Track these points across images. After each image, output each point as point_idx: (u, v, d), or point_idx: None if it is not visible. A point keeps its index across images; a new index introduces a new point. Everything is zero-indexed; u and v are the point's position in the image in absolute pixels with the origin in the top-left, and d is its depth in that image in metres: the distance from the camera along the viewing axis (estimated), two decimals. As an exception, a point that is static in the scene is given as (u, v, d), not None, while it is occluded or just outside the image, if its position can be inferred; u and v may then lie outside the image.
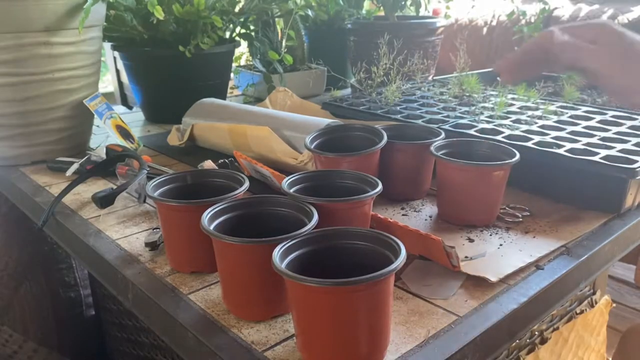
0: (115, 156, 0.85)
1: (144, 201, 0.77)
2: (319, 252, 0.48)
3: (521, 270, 0.58)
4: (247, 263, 0.49)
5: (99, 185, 0.83)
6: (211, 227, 0.51)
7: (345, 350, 0.44)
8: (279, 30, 1.43)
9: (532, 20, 1.90)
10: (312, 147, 0.73)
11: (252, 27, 1.33)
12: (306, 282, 0.41)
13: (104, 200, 0.71)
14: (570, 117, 0.93)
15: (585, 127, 0.87)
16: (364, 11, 1.52)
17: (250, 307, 0.51)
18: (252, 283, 0.50)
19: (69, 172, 0.86)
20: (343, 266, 0.47)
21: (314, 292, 0.42)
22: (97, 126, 1.03)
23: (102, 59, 1.10)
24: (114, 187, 0.78)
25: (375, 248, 0.47)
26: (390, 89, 1.07)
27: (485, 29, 2.23)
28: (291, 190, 0.58)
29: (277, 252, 0.45)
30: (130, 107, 1.37)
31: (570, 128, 0.86)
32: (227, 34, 1.26)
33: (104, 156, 0.88)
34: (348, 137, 0.77)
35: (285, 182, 0.59)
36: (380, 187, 0.57)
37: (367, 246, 0.48)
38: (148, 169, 0.77)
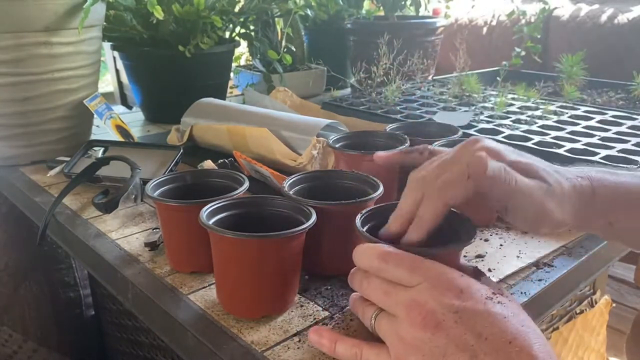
0: (102, 159, 0.84)
1: (142, 200, 0.77)
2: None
3: (521, 270, 0.58)
4: (240, 258, 0.49)
5: (93, 187, 0.83)
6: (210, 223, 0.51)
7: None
8: (279, 30, 1.43)
9: (532, 20, 1.90)
10: (336, 147, 0.72)
11: (251, 27, 1.33)
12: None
13: (109, 206, 0.71)
14: (570, 117, 0.94)
15: (585, 127, 0.87)
16: (363, 11, 1.53)
17: (241, 303, 0.51)
18: (243, 278, 0.50)
19: (51, 173, 0.87)
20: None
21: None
22: (97, 126, 1.03)
23: (102, 59, 1.10)
24: (109, 190, 0.78)
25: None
26: (390, 88, 1.07)
27: (485, 29, 2.23)
28: (292, 191, 0.58)
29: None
30: (130, 107, 1.37)
31: (570, 128, 0.86)
32: (227, 34, 1.26)
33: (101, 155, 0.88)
34: (372, 142, 0.75)
35: (286, 183, 0.59)
36: (381, 188, 0.57)
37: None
38: (140, 169, 0.77)
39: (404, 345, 0.39)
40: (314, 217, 0.51)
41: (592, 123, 0.89)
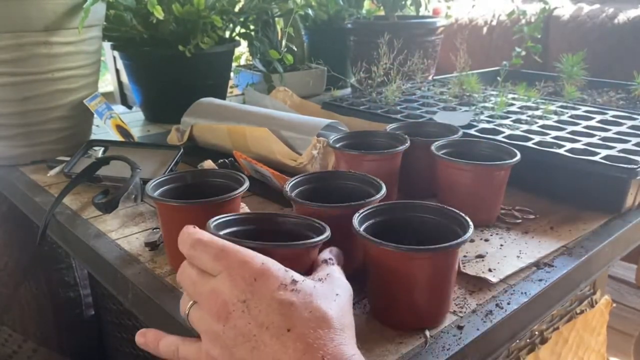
0: (102, 159, 0.84)
1: (142, 200, 0.77)
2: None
3: (521, 270, 0.58)
4: None
5: (93, 187, 0.83)
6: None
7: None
8: (279, 30, 1.43)
9: (533, 20, 1.90)
10: (336, 146, 0.72)
11: (252, 27, 1.33)
12: (384, 246, 0.46)
13: (109, 206, 0.71)
14: (571, 116, 0.93)
15: (585, 127, 0.87)
16: (364, 11, 1.52)
17: None
18: None
19: (51, 173, 0.87)
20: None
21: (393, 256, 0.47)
22: (97, 126, 1.03)
23: (102, 58, 1.10)
24: (109, 190, 0.78)
25: (442, 221, 0.53)
26: (391, 88, 1.07)
27: (485, 29, 2.23)
28: (294, 192, 0.58)
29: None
30: (130, 107, 1.37)
31: (570, 128, 0.86)
32: (227, 34, 1.25)
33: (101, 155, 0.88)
34: (372, 142, 0.75)
35: (289, 184, 0.59)
36: (384, 190, 0.57)
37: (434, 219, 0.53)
38: (140, 169, 0.76)
39: (206, 336, 0.39)
40: (327, 232, 0.48)
41: (592, 123, 0.89)
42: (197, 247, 0.40)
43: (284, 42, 1.40)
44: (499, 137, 0.80)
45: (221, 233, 0.48)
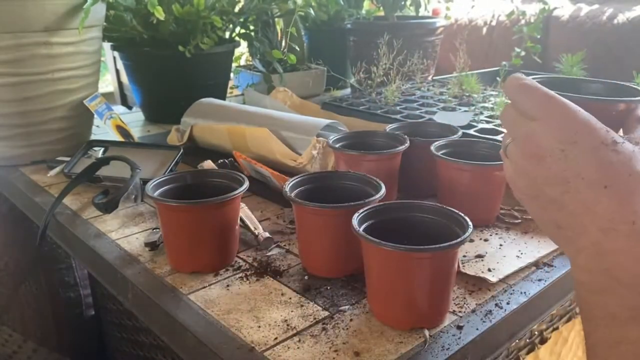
0: (102, 159, 0.84)
1: (142, 200, 0.77)
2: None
3: (521, 270, 0.59)
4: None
5: (93, 187, 0.83)
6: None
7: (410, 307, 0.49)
8: (279, 30, 1.43)
9: (532, 20, 1.90)
10: (336, 147, 0.72)
11: (251, 27, 1.33)
12: (384, 246, 0.46)
13: (109, 206, 0.71)
14: (570, 117, 0.94)
15: (585, 127, 0.87)
16: (363, 11, 1.53)
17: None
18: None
19: (51, 173, 0.87)
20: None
21: (390, 255, 0.47)
22: (97, 126, 1.03)
23: (102, 59, 1.10)
24: (109, 190, 0.78)
25: (441, 221, 0.52)
26: (390, 89, 1.08)
27: (485, 29, 2.23)
28: (294, 192, 0.58)
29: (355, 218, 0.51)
30: (130, 107, 1.37)
31: (570, 128, 0.86)
32: (227, 34, 1.26)
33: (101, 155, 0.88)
34: (372, 142, 0.75)
35: (288, 185, 0.59)
36: (383, 190, 0.57)
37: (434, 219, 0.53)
38: (140, 169, 0.77)
39: (517, 169, 0.43)
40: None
41: (592, 123, 0.89)
42: (522, 90, 0.42)
43: (283, 43, 1.40)
44: (499, 137, 0.81)
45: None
